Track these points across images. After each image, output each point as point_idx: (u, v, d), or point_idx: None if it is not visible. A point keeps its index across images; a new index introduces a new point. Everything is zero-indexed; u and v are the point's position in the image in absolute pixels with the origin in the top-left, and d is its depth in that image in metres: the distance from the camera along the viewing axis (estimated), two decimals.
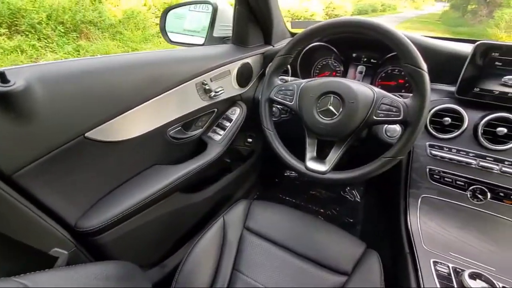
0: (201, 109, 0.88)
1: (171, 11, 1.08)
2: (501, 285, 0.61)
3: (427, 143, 0.78)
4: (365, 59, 0.94)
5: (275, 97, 0.75)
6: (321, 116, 0.68)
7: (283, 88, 0.74)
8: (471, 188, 0.74)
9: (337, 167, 0.69)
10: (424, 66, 0.58)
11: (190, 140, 0.90)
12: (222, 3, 1.01)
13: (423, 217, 0.77)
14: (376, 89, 0.65)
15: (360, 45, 0.93)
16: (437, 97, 0.81)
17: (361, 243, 0.79)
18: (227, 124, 0.99)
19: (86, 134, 0.59)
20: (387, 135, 0.80)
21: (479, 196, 0.73)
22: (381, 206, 1.19)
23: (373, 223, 1.22)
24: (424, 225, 0.75)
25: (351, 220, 1.38)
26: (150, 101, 0.70)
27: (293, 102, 0.72)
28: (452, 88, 0.77)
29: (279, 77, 0.81)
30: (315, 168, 0.70)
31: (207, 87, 0.84)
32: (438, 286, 0.61)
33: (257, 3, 0.88)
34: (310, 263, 0.75)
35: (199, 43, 1.03)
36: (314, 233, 0.82)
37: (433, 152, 0.77)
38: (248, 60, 0.98)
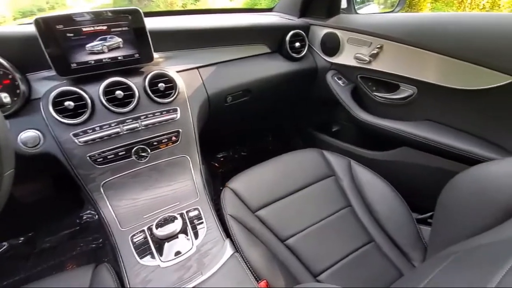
0: None
1: None
2: (182, 212, 0.73)
3: (71, 133, 0.71)
4: None
5: None
6: None
7: None
8: (133, 151, 0.77)
9: None
10: None
11: None
12: None
13: (113, 201, 0.74)
14: None
15: None
16: (50, 85, 0.73)
17: (90, 266, 0.66)
18: None
19: None
20: (27, 146, 0.67)
21: (143, 154, 0.79)
22: None
23: None
24: (116, 209, 0.73)
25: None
26: None
27: None
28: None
29: None
30: None
31: None
32: (137, 257, 0.62)
33: None
34: None
35: None
36: None
37: (81, 139, 0.71)
38: None
